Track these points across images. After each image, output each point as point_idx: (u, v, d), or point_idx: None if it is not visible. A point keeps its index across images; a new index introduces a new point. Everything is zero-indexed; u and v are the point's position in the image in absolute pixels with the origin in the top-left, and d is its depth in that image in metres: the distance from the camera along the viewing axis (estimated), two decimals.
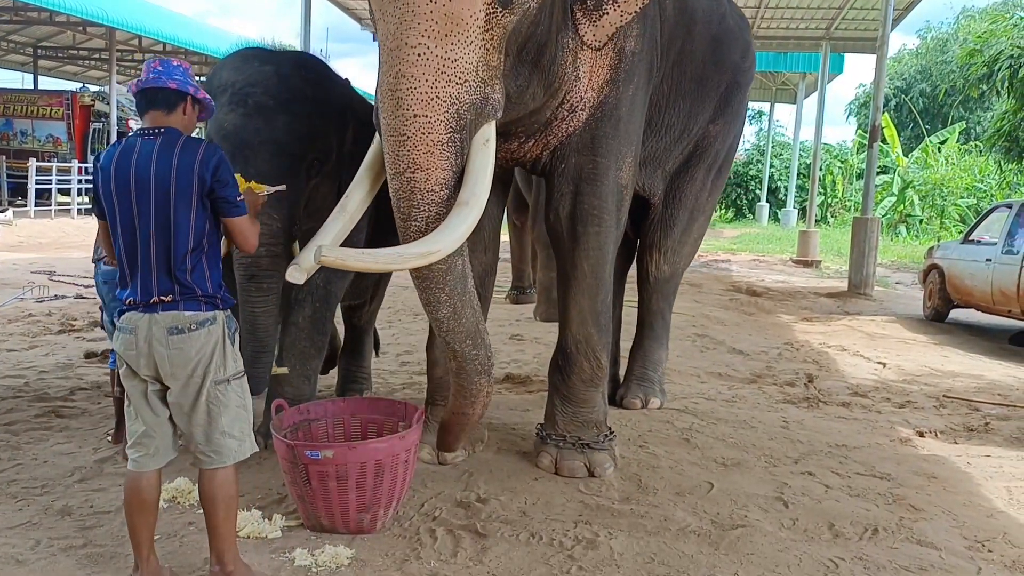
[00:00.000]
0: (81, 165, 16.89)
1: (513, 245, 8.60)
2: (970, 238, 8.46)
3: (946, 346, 7.25)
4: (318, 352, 3.73)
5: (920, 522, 3.16)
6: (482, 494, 3.23)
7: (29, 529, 2.81)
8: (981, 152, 20.71)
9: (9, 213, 14.60)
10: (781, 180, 26.39)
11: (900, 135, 24.15)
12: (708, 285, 10.55)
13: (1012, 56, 11.87)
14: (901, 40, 61.57)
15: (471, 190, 2.72)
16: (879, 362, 6.34)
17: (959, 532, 3.10)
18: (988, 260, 7.58)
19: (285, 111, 3.22)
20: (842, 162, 25.85)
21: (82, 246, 11.43)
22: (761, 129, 30.88)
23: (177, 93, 2.39)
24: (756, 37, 4.57)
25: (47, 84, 23.25)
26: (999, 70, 12.01)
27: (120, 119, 17.81)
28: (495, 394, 4.80)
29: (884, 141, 20.19)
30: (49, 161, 16.72)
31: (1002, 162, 15.74)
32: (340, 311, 4.24)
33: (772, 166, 26.04)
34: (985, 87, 12.88)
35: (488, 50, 2.72)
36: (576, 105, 3.34)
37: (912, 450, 4.13)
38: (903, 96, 28.88)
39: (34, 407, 4.18)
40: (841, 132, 65.75)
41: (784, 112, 53.92)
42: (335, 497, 2.79)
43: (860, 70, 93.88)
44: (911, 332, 7.88)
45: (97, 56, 22.08)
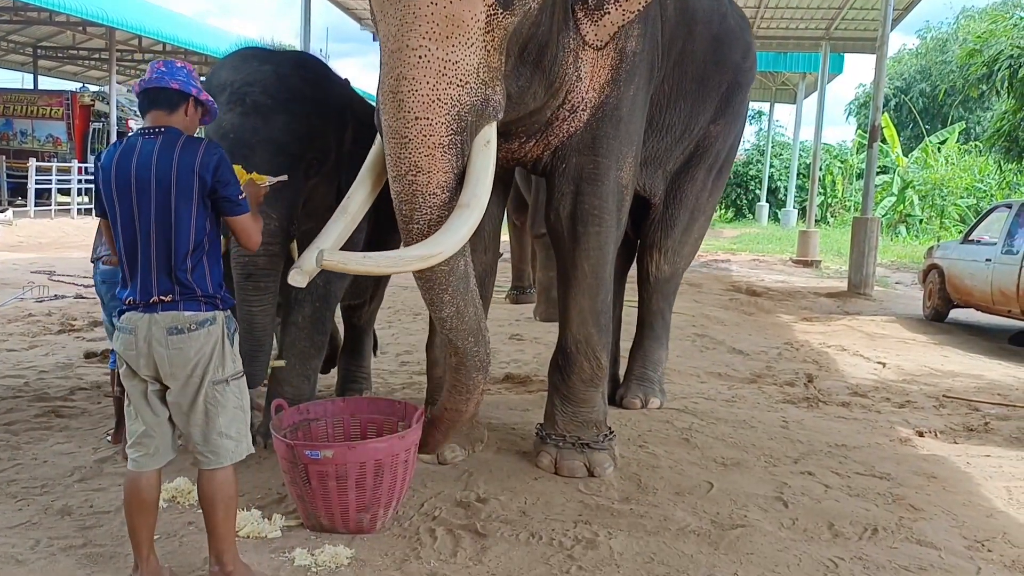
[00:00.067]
0: (81, 165, 16.90)
1: (513, 245, 8.59)
2: (970, 238, 8.46)
3: (946, 346, 7.25)
4: (318, 352, 3.74)
5: (920, 522, 3.16)
6: (482, 494, 3.23)
7: (29, 529, 2.81)
8: (981, 152, 20.72)
9: (9, 213, 14.60)
10: (781, 180, 26.40)
11: (900, 135, 24.16)
12: (708, 285, 10.55)
13: (1012, 56, 11.87)
14: (901, 40, 61.74)
15: (472, 192, 2.73)
16: (879, 362, 6.34)
17: (959, 532, 3.10)
18: (988, 260, 7.58)
19: (283, 111, 3.22)
20: (842, 162, 25.86)
21: (82, 246, 11.42)
22: (761, 129, 30.91)
23: (179, 94, 2.39)
24: (756, 37, 4.58)
25: (47, 84, 23.27)
26: (999, 70, 12.02)
27: (120, 119, 17.79)
28: (495, 394, 4.83)
29: (884, 141, 20.19)
30: (49, 161, 16.72)
31: (1002, 162, 15.74)
32: (340, 311, 4.24)
33: (772, 166, 26.04)
34: (985, 87, 12.88)
35: (489, 51, 2.72)
36: (577, 105, 3.34)
37: (912, 450, 4.13)
38: (903, 96, 28.88)
39: (34, 407, 4.18)
40: (841, 132, 65.96)
41: (784, 112, 53.95)
42: (335, 497, 2.79)
43: (860, 70, 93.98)
44: (911, 332, 7.88)
45: (97, 56, 22.07)
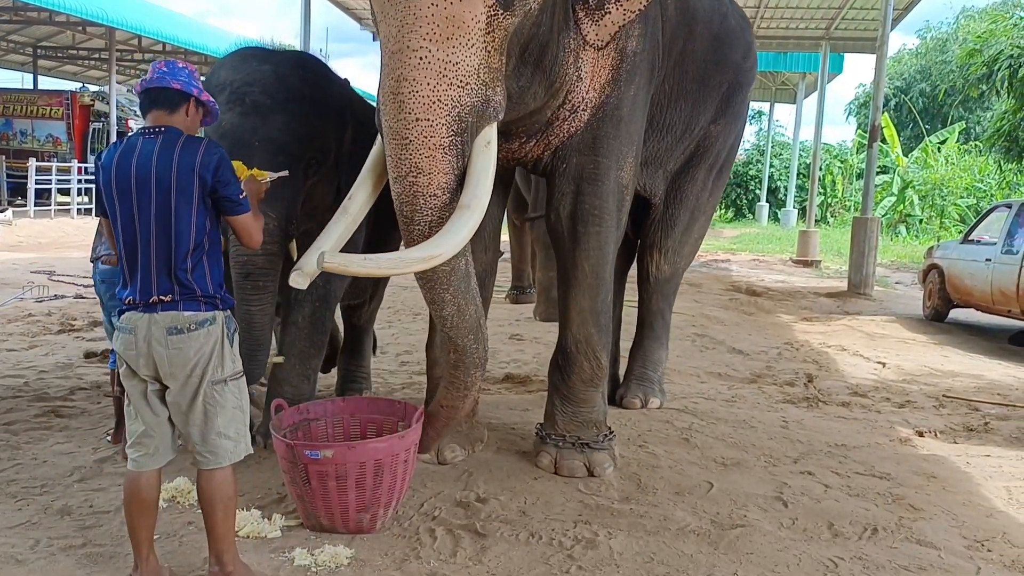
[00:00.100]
0: (81, 165, 16.90)
1: (513, 245, 8.59)
2: (970, 238, 8.46)
3: (946, 346, 7.25)
4: (318, 351, 3.74)
5: (919, 522, 3.16)
6: (482, 494, 3.23)
7: (29, 529, 2.81)
8: (981, 152, 20.72)
9: (9, 213, 14.59)
10: (781, 180, 26.40)
11: (900, 135, 24.16)
12: (708, 285, 10.55)
13: (1012, 56, 11.87)
14: (901, 40, 61.69)
15: (472, 193, 2.73)
16: (879, 362, 6.34)
17: (958, 532, 3.10)
18: (988, 260, 7.58)
19: (282, 110, 3.22)
20: (842, 162, 25.86)
21: (82, 246, 11.42)
22: (761, 129, 30.90)
23: (180, 94, 2.39)
24: (756, 37, 4.58)
25: (47, 84, 23.27)
26: (999, 70, 12.02)
27: (120, 119, 17.79)
28: (495, 394, 4.83)
29: (884, 141, 20.19)
30: (49, 161, 16.71)
31: (1002, 162, 15.75)
32: (340, 310, 4.24)
33: (772, 166, 26.04)
34: (985, 87, 12.89)
35: (489, 52, 2.72)
36: (578, 105, 3.34)
37: (912, 450, 4.13)
38: (903, 96, 28.88)
39: (34, 407, 4.18)
40: (841, 132, 65.85)
41: (784, 112, 53.93)
42: (334, 497, 2.79)
43: (860, 70, 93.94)
44: (911, 332, 7.88)
45: (97, 56, 22.06)
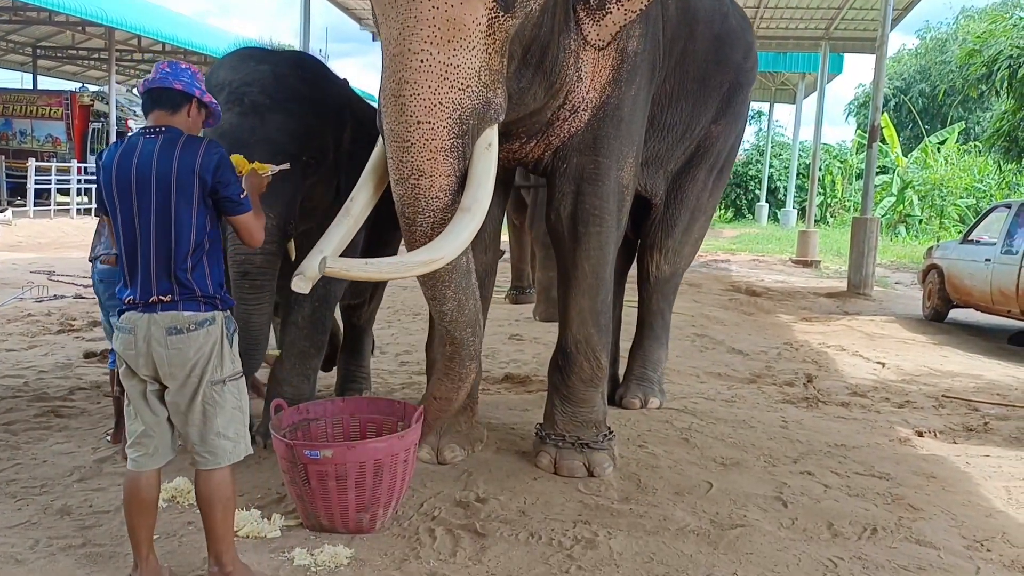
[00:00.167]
0: (80, 165, 16.89)
1: (512, 245, 8.59)
2: (969, 238, 8.46)
3: (945, 346, 7.25)
4: (318, 351, 3.74)
5: (919, 522, 3.16)
6: (481, 494, 3.24)
7: (28, 528, 2.81)
8: (980, 152, 20.73)
9: (8, 213, 14.59)
10: (780, 180, 26.41)
11: (899, 135, 24.16)
12: (708, 285, 10.55)
13: (1011, 56, 11.88)
14: (900, 40, 61.52)
15: (473, 196, 2.74)
16: (878, 362, 6.34)
17: (958, 532, 3.10)
18: (987, 260, 7.59)
19: (281, 110, 3.22)
20: (841, 162, 25.86)
21: (81, 246, 11.40)
22: (760, 129, 30.92)
23: (182, 94, 2.39)
24: (755, 37, 4.57)
25: (46, 84, 23.26)
26: (998, 70, 12.02)
27: (119, 119, 17.78)
28: (495, 394, 4.83)
29: (883, 141, 20.20)
30: (48, 161, 16.70)
31: (1001, 162, 15.75)
32: (339, 310, 4.24)
33: (771, 166, 26.04)
34: (984, 87, 12.89)
35: (490, 54, 2.72)
36: (578, 106, 3.34)
37: (911, 450, 4.13)
38: (902, 96, 28.88)
39: (33, 407, 4.18)
40: (841, 132, 65.66)
41: (783, 112, 53.87)
42: (334, 497, 2.79)
43: (859, 70, 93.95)
44: (910, 332, 7.88)
45: (96, 56, 22.05)
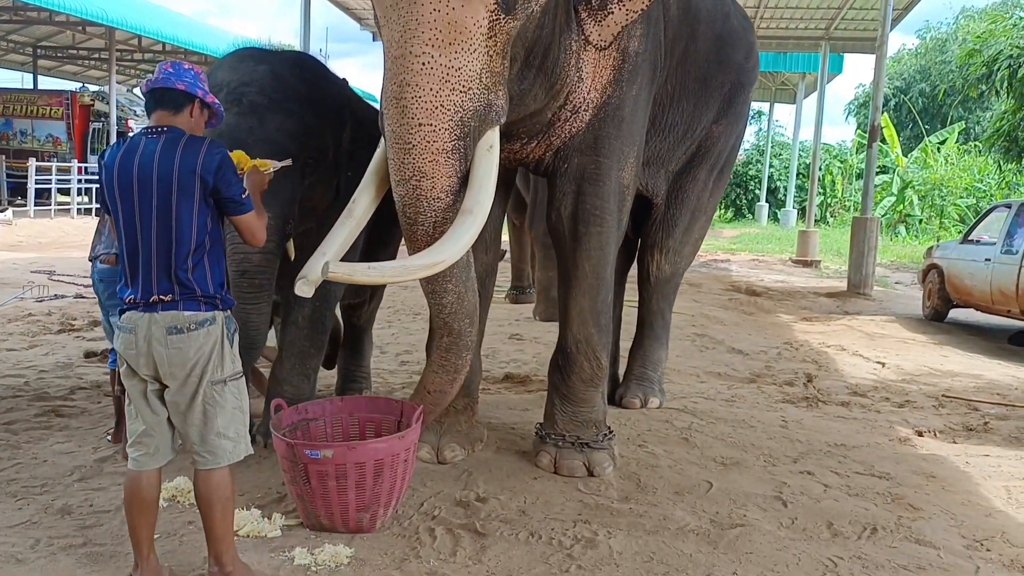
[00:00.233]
0: (80, 165, 16.88)
1: (513, 245, 8.59)
2: (969, 238, 8.46)
3: (945, 346, 7.25)
4: (317, 351, 3.74)
5: (919, 521, 3.16)
6: (481, 493, 3.24)
7: (29, 528, 2.82)
8: (980, 152, 20.72)
9: (9, 213, 14.59)
10: (780, 180, 26.40)
11: (899, 135, 24.16)
12: (708, 285, 10.55)
13: (1011, 56, 11.88)
14: (900, 40, 61.36)
15: (475, 198, 2.74)
16: (878, 362, 6.34)
17: (958, 531, 3.10)
18: (987, 260, 7.59)
19: (280, 110, 3.22)
20: (841, 162, 25.86)
21: (82, 246, 11.40)
22: (760, 129, 30.88)
23: (185, 95, 2.40)
24: (756, 37, 4.57)
25: (47, 84, 23.25)
26: (998, 70, 12.02)
27: (120, 119, 17.77)
28: (495, 394, 4.83)
29: (883, 141, 20.19)
30: (49, 161, 16.70)
31: (1001, 162, 15.75)
32: (339, 310, 4.24)
33: (771, 166, 26.03)
34: (984, 87, 12.89)
35: (492, 56, 2.73)
36: (579, 106, 3.34)
37: (911, 449, 4.13)
38: (902, 96, 28.88)
39: (34, 406, 4.19)
40: (841, 132, 65.55)
41: (784, 112, 53.88)
42: (334, 496, 2.79)
43: (860, 70, 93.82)
44: (910, 332, 7.88)
45: (97, 56, 22.04)
